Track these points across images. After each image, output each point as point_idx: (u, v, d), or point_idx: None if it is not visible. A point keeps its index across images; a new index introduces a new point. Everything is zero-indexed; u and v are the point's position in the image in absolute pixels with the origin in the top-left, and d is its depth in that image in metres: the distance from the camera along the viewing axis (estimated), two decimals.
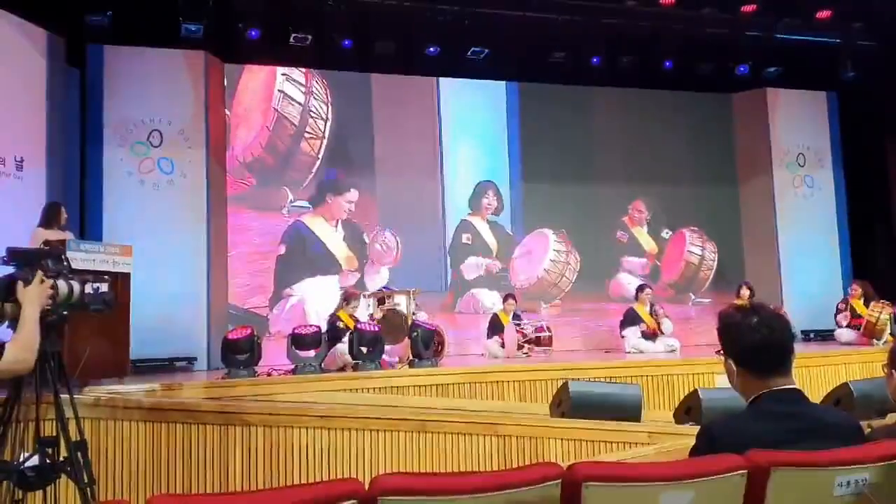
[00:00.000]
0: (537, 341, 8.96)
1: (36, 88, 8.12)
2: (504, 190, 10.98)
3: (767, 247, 11.36)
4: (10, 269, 3.54)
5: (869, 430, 2.48)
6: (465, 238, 10.74)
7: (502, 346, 8.91)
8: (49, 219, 6.89)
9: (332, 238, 10.15)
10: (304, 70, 10.21)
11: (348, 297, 8.19)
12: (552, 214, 11.03)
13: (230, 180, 9.75)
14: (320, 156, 10.21)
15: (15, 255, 3.56)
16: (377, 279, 10.15)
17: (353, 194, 10.27)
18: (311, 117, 10.21)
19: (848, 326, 9.68)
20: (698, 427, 2.27)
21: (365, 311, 8.75)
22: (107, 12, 8.56)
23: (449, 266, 10.63)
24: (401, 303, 8.59)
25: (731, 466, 1.95)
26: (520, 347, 8.81)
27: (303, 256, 9.96)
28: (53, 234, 6.58)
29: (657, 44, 10.58)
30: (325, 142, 10.24)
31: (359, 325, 7.61)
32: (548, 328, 9.23)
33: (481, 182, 10.90)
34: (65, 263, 3.70)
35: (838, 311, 9.86)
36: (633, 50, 10.58)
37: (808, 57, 11.08)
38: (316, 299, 9.78)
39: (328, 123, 10.28)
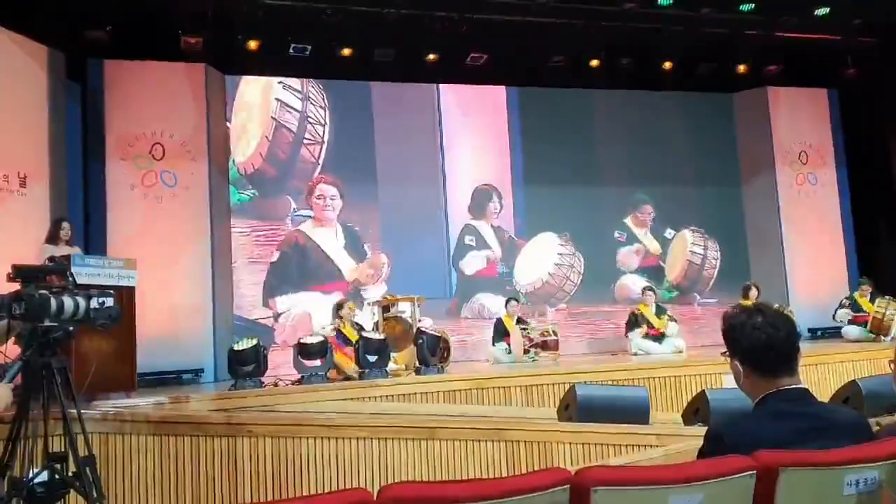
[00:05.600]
0: (543, 345, 8.94)
1: (37, 104, 8.15)
2: (506, 194, 10.98)
3: (772, 245, 11.35)
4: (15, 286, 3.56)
5: (878, 427, 2.47)
6: (467, 240, 10.74)
7: (508, 351, 8.91)
8: (53, 234, 6.92)
9: (333, 246, 10.15)
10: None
11: (340, 306, 8.15)
12: (555, 217, 11.03)
13: (233, 191, 9.78)
14: (320, 161, 10.22)
15: (20, 272, 3.58)
16: (375, 288, 10.14)
17: (324, 188, 10.18)
18: (310, 123, 10.23)
19: (851, 323, 9.66)
20: (706, 428, 2.26)
21: (370, 319, 8.75)
22: (106, 27, 8.61)
23: (453, 272, 10.63)
24: (405, 310, 8.59)
25: (739, 467, 1.94)
26: (526, 352, 8.79)
27: (305, 266, 9.97)
28: (59, 250, 6.61)
29: (656, 45, 10.59)
30: (324, 146, 10.25)
31: (364, 334, 7.62)
32: (554, 332, 9.21)
33: (483, 187, 10.91)
34: (70, 279, 3.71)
35: (841, 307, 9.84)
36: (633, 52, 10.60)
37: (808, 55, 11.09)
38: (321, 308, 9.77)
39: (327, 128, 10.29)
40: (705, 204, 11.70)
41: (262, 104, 10.10)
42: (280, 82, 10.18)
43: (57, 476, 3.56)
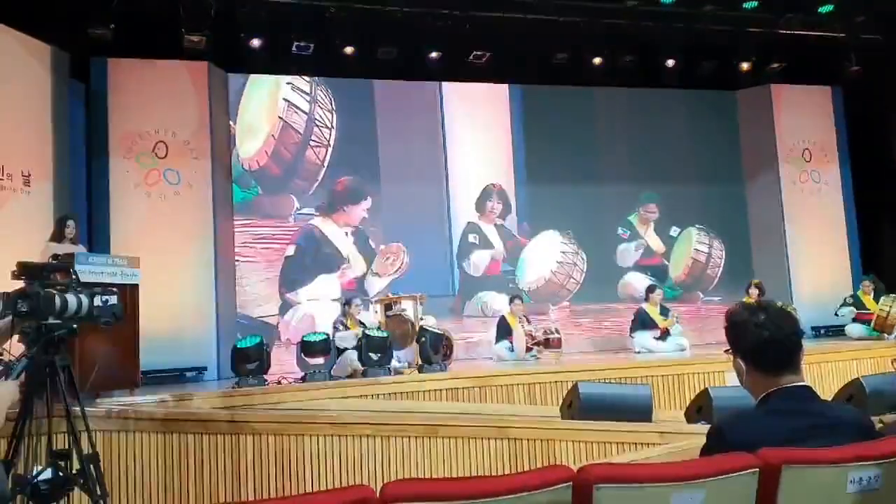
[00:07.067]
0: (546, 343, 8.94)
1: (41, 103, 8.17)
2: (509, 192, 10.98)
3: (775, 243, 11.33)
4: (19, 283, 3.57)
5: (881, 425, 2.48)
6: (471, 238, 10.74)
7: (511, 349, 8.91)
8: (57, 233, 6.92)
9: (345, 243, 10.17)
10: (308, 79, 10.25)
11: (349, 301, 8.26)
12: (558, 216, 11.01)
13: (236, 190, 9.79)
14: (326, 164, 10.23)
15: (25, 270, 3.60)
16: (377, 283, 10.16)
17: (368, 202, 10.31)
18: (317, 126, 10.24)
19: (855, 321, 9.66)
20: (709, 426, 2.26)
21: (372, 317, 8.77)
22: (110, 25, 8.61)
23: (456, 270, 10.63)
24: (407, 308, 8.60)
25: (742, 465, 1.94)
26: (529, 350, 8.79)
27: (314, 261, 9.98)
28: (63, 248, 6.61)
29: (659, 43, 10.58)
30: (330, 150, 10.27)
31: (367, 332, 7.63)
32: (557, 330, 9.21)
33: (487, 185, 10.90)
34: (73, 277, 3.72)
35: (844, 304, 9.84)
36: (636, 49, 10.58)
37: (811, 52, 11.06)
38: (325, 306, 9.79)
39: (333, 132, 10.30)
40: (708, 202, 11.68)
41: (270, 103, 10.10)
42: (288, 83, 10.18)
43: (61, 473, 3.57)
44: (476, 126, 10.97)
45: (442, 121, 10.84)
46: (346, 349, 7.57)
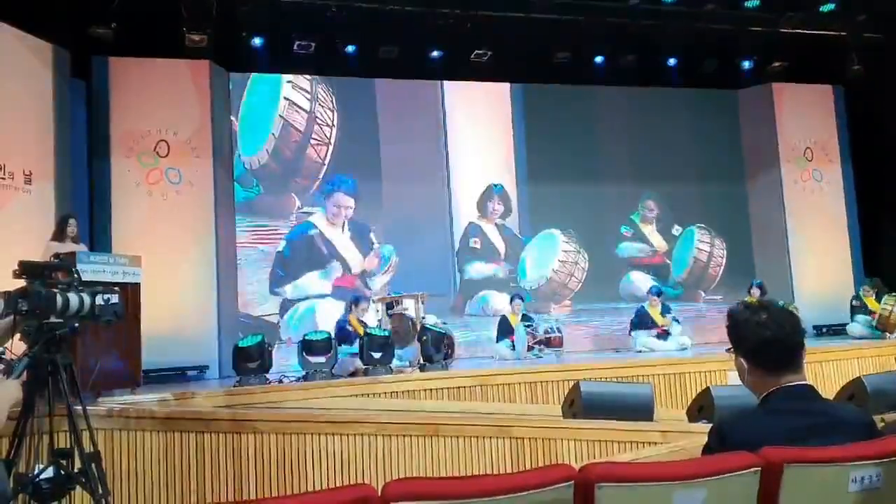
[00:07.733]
0: (548, 342, 8.95)
1: (42, 102, 8.17)
2: (511, 192, 10.97)
3: (777, 242, 11.33)
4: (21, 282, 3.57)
5: (882, 424, 2.47)
6: (472, 241, 10.74)
7: (512, 348, 8.91)
8: (59, 232, 6.92)
9: (340, 240, 10.16)
10: (309, 77, 10.24)
11: (357, 301, 8.23)
12: (559, 215, 11.01)
13: (237, 188, 9.79)
14: (326, 162, 10.23)
15: (26, 269, 3.60)
16: (373, 283, 10.16)
17: (339, 198, 10.22)
18: (317, 124, 10.24)
19: (854, 321, 9.67)
20: (711, 425, 2.26)
21: (374, 316, 8.77)
22: (111, 24, 8.62)
23: (457, 269, 10.63)
24: (409, 307, 8.60)
25: (744, 464, 1.94)
26: (530, 349, 8.79)
27: (311, 260, 9.98)
28: (64, 247, 6.61)
29: (660, 41, 10.58)
30: (331, 148, 10.27)
31: (368, 330, 7.64)
32: (558, 329, 9.21)
33: (488, 185, 10.90)
34: (75, 276, 3.72)
35: (854, 310, 9.83)
36: (637, 48, 10.59)
37: (813, 51, 11.05)
38: (325, 304, 9.79)
39: (334, 130, 10.30)
40: (710, 201, 11.68)
41: (271, 102, 10.10)
42: (289, 81, 10.18)
43: (62, 472, 3.57)
44: (477, 125, 10.97)
45: (443, 120, 10.84)
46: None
